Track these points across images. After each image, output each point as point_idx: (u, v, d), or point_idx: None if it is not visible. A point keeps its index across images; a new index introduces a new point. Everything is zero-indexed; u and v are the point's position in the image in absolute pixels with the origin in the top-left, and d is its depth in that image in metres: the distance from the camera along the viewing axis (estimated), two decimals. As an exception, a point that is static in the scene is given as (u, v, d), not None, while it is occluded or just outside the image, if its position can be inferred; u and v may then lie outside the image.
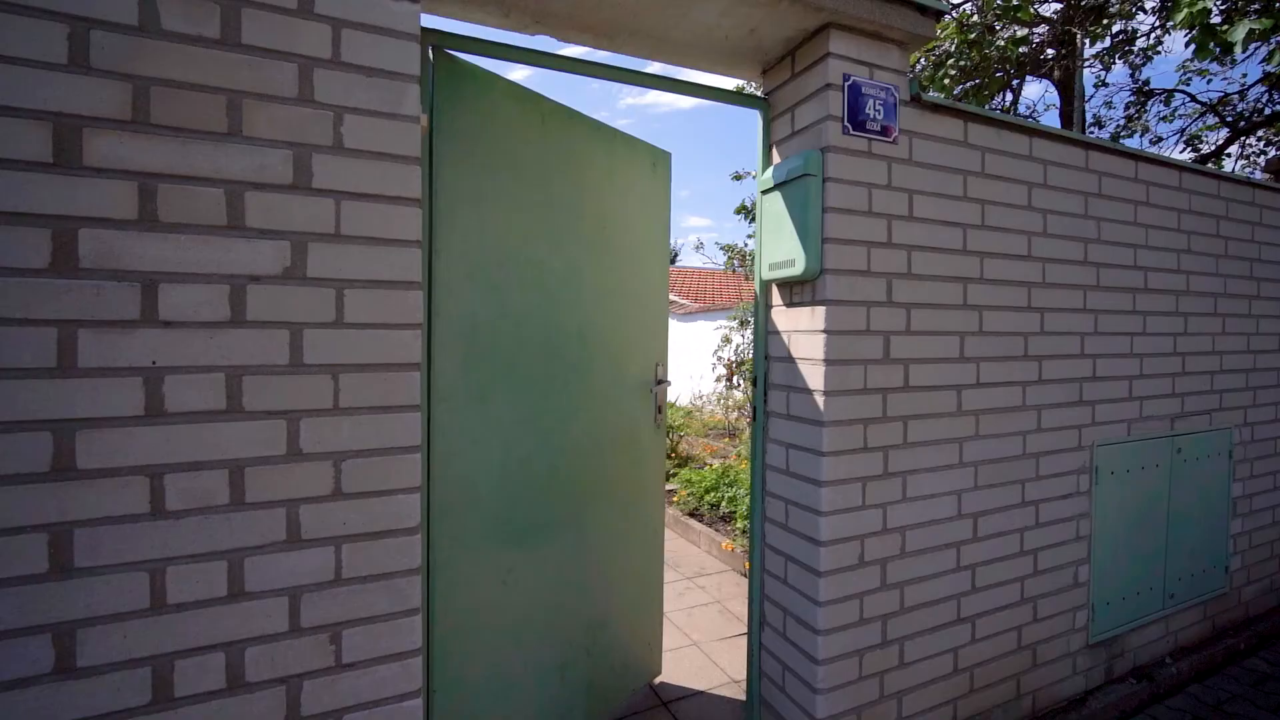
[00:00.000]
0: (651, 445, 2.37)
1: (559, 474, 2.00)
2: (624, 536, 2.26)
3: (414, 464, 1.36)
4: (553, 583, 2.00)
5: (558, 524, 2.01)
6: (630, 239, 2.23)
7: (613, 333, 2.17)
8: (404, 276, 1.35)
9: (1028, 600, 2.25)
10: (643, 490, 2.34)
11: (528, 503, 1.92)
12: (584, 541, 2.09)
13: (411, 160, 1.35)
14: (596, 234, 2.09)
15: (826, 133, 1.82)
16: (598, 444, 2.12)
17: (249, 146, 1.22)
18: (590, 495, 2.10)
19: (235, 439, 1.21)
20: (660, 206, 2.38)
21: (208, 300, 1.19)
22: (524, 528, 1.92)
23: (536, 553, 1.95)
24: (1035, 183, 2.21)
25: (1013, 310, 2.18)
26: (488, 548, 1.83)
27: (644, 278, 2.31)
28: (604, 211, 2.12)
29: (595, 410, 2.12)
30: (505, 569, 1.88)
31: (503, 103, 1.83)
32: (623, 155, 2.20)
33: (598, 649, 2.15)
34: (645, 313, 2.32)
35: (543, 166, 1.92)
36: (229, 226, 1.20)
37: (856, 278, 1.87)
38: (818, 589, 1.84)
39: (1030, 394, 2.23)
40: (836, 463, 1.85)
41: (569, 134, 2.00)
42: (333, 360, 1.29)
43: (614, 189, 2.16)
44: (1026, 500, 2.24)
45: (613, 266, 2.16)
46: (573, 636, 2.06)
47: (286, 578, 1.25)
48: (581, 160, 2.05)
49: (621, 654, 2.27)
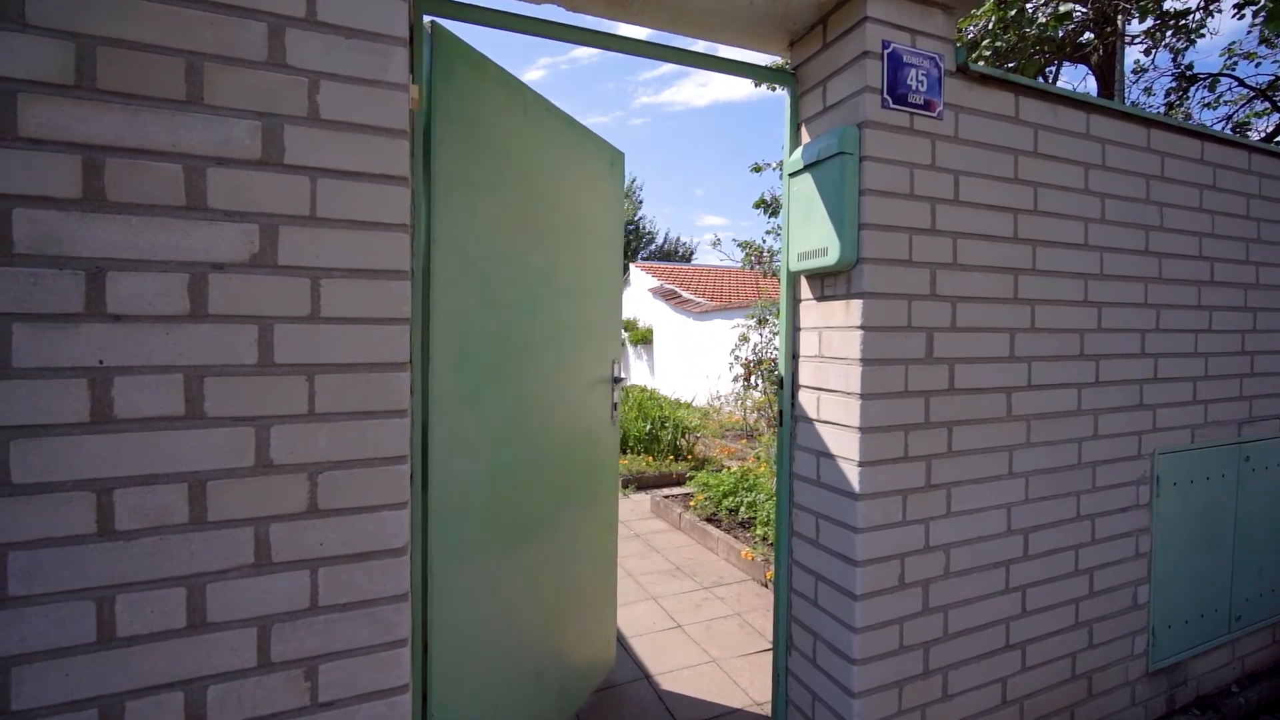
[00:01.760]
0: (609, 443, 2.38)
1: (539, 476, 1.94)
2: (589, 534, 2.24)
3: (400, 476, 1.21)
4: (532, 588, 1.93)
5: (537, 527, 1.94)
6: (593, 236, 2.21)
7: (580, 331, 2.14)
8: (389, 265, 1.20)
9: (1082, 624, 2.04)
10: (603, 487, 2.34)
11: (513, 507, 1.84)
12: (557, 542, 2.04)
13: (398, 133, 1.20)
14: (568, 230, 2.04)
15: (863, 107, 1.64)
16: (569, 444, 2.09)
17: (211, 117, 1.07)
18: (563, 495, 2.06)
19: (196, 449, 1.07)
20: (616, 204, 2.38)
21: (163, 291, 1.04)
22: (510, 533, 1.83)
23: (520, 559, 1.87)
24: (1093, 164, 2.00)
25: (1068, 305, 1.97)
26: (481, 558, 1.73)
27: (604, 276, 2.30)
28: (574, 207, 2.08)
29: (567, 410, 2.08)
30: (495, 579, 1.78)
31: (492, 88, 1.73)
32: (589, 151, 2.17)
33: (566, 649, 2.11)
34: (604, 311, 2.32)
35: (524, 157, 1.85)
36: (188, 207, 1.06)
37: (897, 268, 1.68)
38: (853, 614, 1.66)
39: (1086, 397, 2.02)
40: (874, 473, 1.67)
41: (546, 126, 1.93)
42: (308, 359, 1.14)
43: (581, 185, 2.12)
44: (1082, 514, 2.03)
45: (581, 263, 2.13)
46: (548, 640, 2.01)
47: (255, 606, 1.10)
48: (556, 154, 1.99)
49: (585, 652, 2.24)
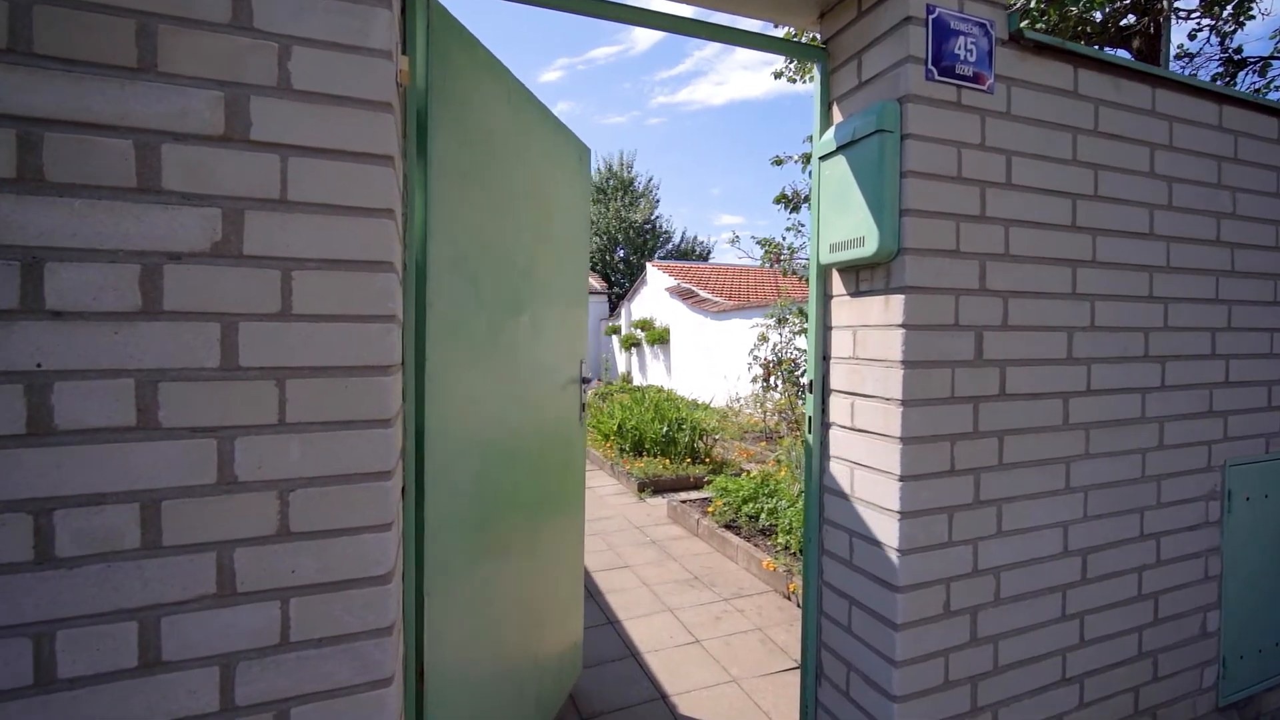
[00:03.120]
0: (579, 445, 2.34)
1: (521, 482, 1.86)
2: (561, 538, 2.17)
3: (384, 494, 1.07)
4: (514, 598, 1.83)
5: (517, 534, 1.85)
6: (565, 232, 2.14)
7: (556, 330, 2.08)
8: (371, 255, 1.06)
9: (1146, 655, 1.84)
10: (573, 489, 2.29)
11: (498, 516, 1.74)
12: (535, 549, 1.95)
13: (381, 106, 1.06)
14: (543, 225, 1.96)
15: (905, 79, 1.46)
16: (544, 447, 2.01)
17: (167, 86, 0.94)
18: (540, 501, 1.99)
19: (149, 464, 0.94)
20: (584, 201, 2.32)
21: (111, 284, 0.92)
22: (496, 544, 1.73)
23: (504, 570, 1.77)
24: (1159, 144, 1.80)
25: (1131, 300, 1.78)
26: (472, 572, 1.62)
27: (575, 273, 2.25)
28: (550, 202, 2.00)
29: (545, 411, 2.01)
30: (484, 593, 1.68)
31: (481, 71, 1.61)
32: (563, 145, 2.09)
33: (543, 658, 2.03)
34: (573, 309, 2.26)
35: (508, 148, 1.74)
36: (140, 189, 0.93)
37: (943, 259, 1.51)
38: (893, 645, 1.49)
39: (1151, 403, 1.82)
40: (916, 488, 1.49)
41: (527, 116, 1.85)
42: (278, 362, 1.00)
43: (556, 179, 2.05)
44: (1146, 533, 1.83)
45: (556, 260, 2.07)
46: (527, 651, 1.92)
47: (217, 642, 0.97)
48: (536, 146, 1.90)
49: (557, 659, 2.17)
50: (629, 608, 3.19)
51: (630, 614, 3.12)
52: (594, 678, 2.50)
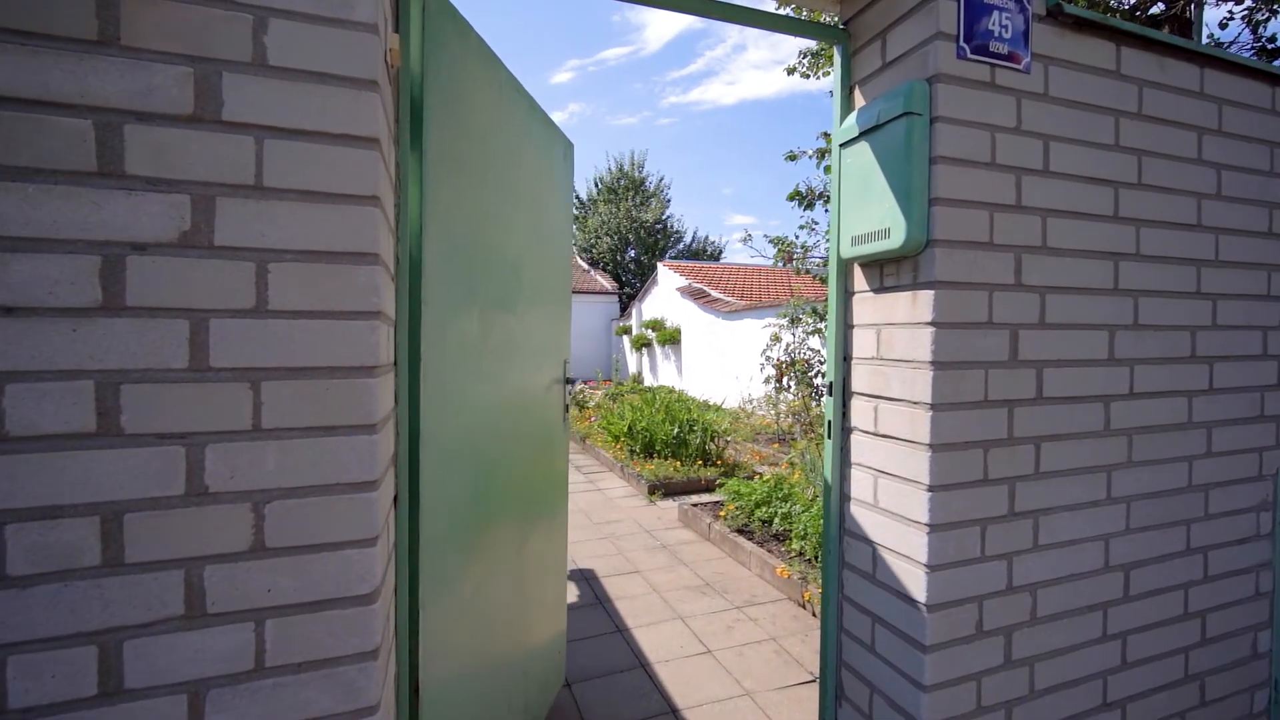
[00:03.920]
0: (562, 447, 2.31)
1: (512, 485, 1.81)
2: (547, 543, 2.12)
3: (369, 506, 0.99)
4: (504, 606, 1.78)
5: (509, 541, 1.79)
6: (551, 228, 2.09)
7: (542, 329, 2.03)
8: (355, 246, 0.97)
9: (1193, 678, 1.71)
10: (558, 492, 2.25)
11: (491, 522, 1.68)
12: (524, 554, 1.90)
13: (366, 85, 0.98)
14: (532, 220, 1.91)
15: (934, 57, 1.36)
16: (532, 449, 1.98)
17: (131, 61, 0.86)
18: (528, 503, 1.94)
19: (111, 473, 0.86)
20: (567, 197, 2.27)
21: (69, 278, 0.84)
22: (489, 551, 1.67)
23: (496, 578, 1.71)
24: (1208, 128, 1.67)
25: (1177, 297, 1.65)
26: (467, 583, 1.55)
27: (559, 270, 2.20)
28: (536, 196, 1.95)
29: (532, 413, 1.97)
30: (478, 603, 1.61)
31: (473, 57, 1.54)
32: (548, 138, 2.04)
33: (530, 667, 1.99)
34: (558, 308, 2.21)
35: (498, 139, 1.68)
36: (101, 173, 0.85)
37: (975, 252, 1.40)
38: (921, 668, 1.38)
39: (1198, 407, 1.70)
40: (946, 499, 1.38)
41: (517, 107, 1.79)
42: (252, 362, 0.92)
43: (542, 173, 2.00)
44: (1192, 547, 1.70)
45: (543, 256, 2.02)
46: (515, 660, 1.87)
47: (185, 667, 0.89)
48: (524, 138, 1.84)
49: (543, 666, 2.11)
50: (638, 615, 3.10)
51: (639, 622, 3.03)
52: (602, 689, 2.41)
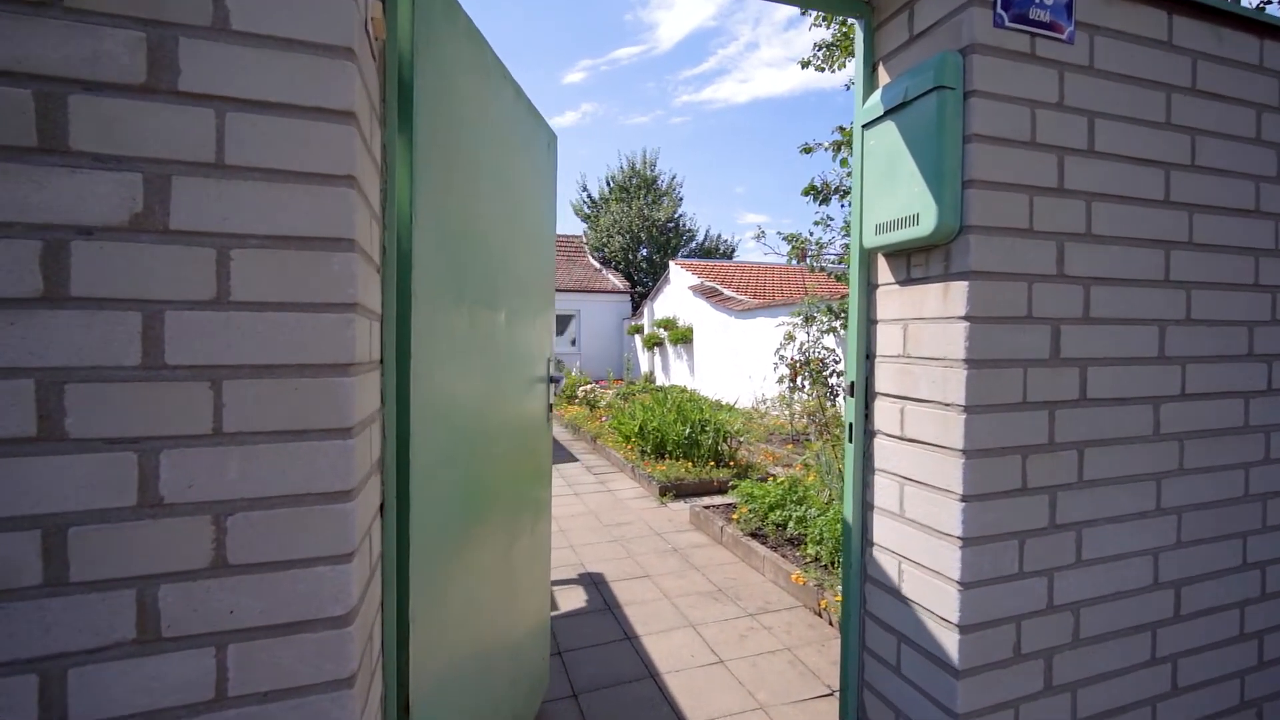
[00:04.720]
0: (545, 447, 2.27)
1: (501, 488, 1.76)
2: (532, 547, 2.05)
3: (344, 518, 0.89)
4: (494, 614, 1.72)
5: (496, 547, 1.73)
6: (535, 220, 2.04)
7: (526, 326, 1.98)
8: (328, 231, 0.88)
9: (1249, 705, 1.58)
10: (541, 491, 2.21)
11: (480, 528, 1.62)
12: (510, 559, 1.83)
13: (341, 52, 0.88)
14: (517, 212, 1.85)
15: (969, 25, 1.24)
16: (516, 448, 1.91)
17: (75, 25, 0.77)
18: (513, 504, 1.88)
19: (53, 482, 0.77)
20: (551, 188, 2.22)
21: (5, 265, 0.75)
22: (479, 560, 1.60)
23: (486, 585, 1.66)
24: (1268, 105, 1.53)
25: (1234, 289, 1.52)
26: (457, 594, 1.47)
27: (543, 265, 2.15)
28: (523, 187, 1.89)
29: (518, 412, 1.91)
30: (468, 618, 1.54)
31: (462, 38, 1.46)
32: (534, 128, 1.99)
33: (518, 676, 1.92)
34: (543, 305, 2.16)
35: (486, 126, 1.61)
36: (41, 149, 0.76)
37: (1013, 239, 1.27)
38: (954, 695, 1.26)
39: (1256, 410, 1.56)
40: (981, 510, 1.26)
41: (504, 94, 1.72)
42: (212, 359, 0.83)
43: (528, 164, 1.94)
44: (1249, 561, 1.57)
45: (528, 249, 1.97)
46: (504, 670, 1.81)
47: (138, 698, 0.80)
48: (512, 126, 1.78)
49: (529, 673, 2.05)
50: (648, 622, 3.00)
51: (649, 629, 2.93)
52: (610, 700, 2.32)
